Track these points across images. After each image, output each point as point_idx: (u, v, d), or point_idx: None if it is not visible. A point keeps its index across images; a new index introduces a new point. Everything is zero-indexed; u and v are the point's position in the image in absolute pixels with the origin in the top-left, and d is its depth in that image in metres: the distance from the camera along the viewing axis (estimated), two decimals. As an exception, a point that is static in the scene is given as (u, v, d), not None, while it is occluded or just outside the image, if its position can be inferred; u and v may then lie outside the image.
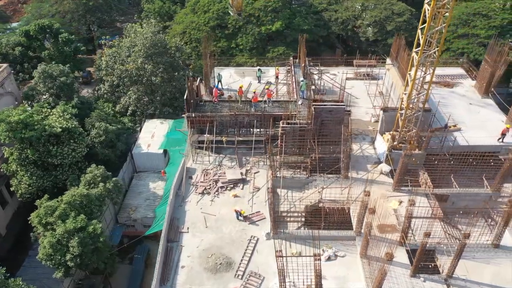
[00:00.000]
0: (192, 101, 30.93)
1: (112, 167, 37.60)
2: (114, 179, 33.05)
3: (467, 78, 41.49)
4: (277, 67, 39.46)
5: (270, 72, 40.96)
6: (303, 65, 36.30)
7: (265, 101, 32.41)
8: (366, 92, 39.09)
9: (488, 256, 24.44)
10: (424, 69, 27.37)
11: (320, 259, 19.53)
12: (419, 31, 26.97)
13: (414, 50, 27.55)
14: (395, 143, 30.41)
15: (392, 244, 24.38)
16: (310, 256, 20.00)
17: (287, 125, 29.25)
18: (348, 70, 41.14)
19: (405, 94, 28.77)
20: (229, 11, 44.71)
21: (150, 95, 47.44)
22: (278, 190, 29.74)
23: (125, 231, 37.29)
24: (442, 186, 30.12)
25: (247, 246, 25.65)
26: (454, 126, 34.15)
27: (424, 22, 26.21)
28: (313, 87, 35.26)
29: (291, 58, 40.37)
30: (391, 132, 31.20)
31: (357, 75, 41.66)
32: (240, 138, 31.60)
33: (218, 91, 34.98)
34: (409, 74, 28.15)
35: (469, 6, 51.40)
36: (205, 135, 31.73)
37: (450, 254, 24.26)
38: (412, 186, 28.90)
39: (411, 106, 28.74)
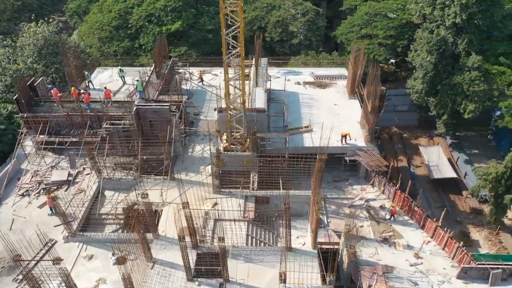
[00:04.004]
0: (23, 101, 30.50)
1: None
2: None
3: (346, 78, 41.14)
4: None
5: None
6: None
7: (103, 101, 31.99)
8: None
9: (277, 259, 23.96)
10: (235, 70, 26.96)
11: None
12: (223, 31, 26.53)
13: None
14: (226, 144, 30.02)
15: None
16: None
17: (110, 126, 28.83)
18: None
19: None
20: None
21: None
22: (106, 192, 29.39)
23: None
24: (276, 188, 29.75)
25: (40, 250, 25.19)
26: (306, 127, 33.80)
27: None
28: (187, 87, 34.60)
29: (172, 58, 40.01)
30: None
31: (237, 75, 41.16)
32: (75, 139, 31.15)
33: (83, 92, 34.18)
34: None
35: (371, 6, 50.96)
36: (42, 136, 31.32)
37: (240, 257, 23.94)
38: (234, 188, 28.49)
39: (232, 106, 28.33)
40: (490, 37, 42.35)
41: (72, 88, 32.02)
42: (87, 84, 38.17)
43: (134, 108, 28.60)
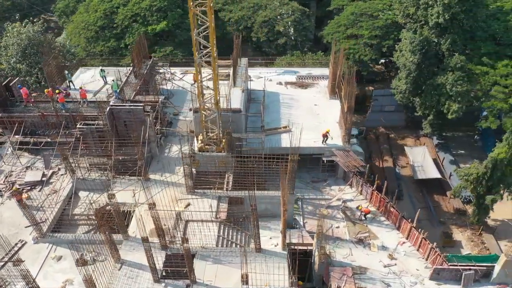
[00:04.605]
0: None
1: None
2: None
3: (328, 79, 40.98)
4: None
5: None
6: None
7: (79, 101, 31.84)
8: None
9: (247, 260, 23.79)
10: (203, 69, 26.74)
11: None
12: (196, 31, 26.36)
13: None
14: (201, 144, 29.85)
15: (155, 249, 23.95)
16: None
17: (83, 126, 28.68)
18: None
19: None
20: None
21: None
22: (81, 192, 29.24)
23: None
24: (252, 189, 29.51)
25: (9, 252, 24.98)
26: (285, 127, 33.64)
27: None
28: (167, 87, 34.22)
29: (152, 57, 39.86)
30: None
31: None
32: (50, 140, 30.98)
33: (58, 92, 34.00)
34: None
35: (357, 6, 50.78)
36: (17, 136, 31.17)
37: (209, 259, 23.79)
38: (207, 189, 28.29)
39: (205, 107, 28.14)
40: (474, 37, 42.20)
41: (46, 89, 31.83)
42: (68, 84, 37.99)
43: (108, 108, 28.43)
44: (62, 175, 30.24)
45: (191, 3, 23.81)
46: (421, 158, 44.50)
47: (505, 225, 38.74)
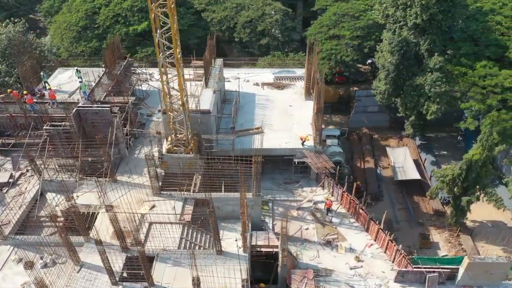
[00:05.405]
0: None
1: None
2: None
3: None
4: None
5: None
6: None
7: (48, 102, 31.70)
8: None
9: (207, 263, 23.58)
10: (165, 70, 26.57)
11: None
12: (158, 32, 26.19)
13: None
14: (169, 146, 29.70)
15: (116, 251, 23.84)
16: None
17: (50, 128, 28.53)
18: (189, 71, 40.46)
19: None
20: None
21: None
22: (48, 194, 29.08)
23: None
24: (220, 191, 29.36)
25: (-30, 253, 24.95)
26: (257, 128, 33.50)
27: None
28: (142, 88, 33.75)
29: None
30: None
31: (195, 76, 40.88)
32: (17, 141, 30.85)
33: (25, 93, 34.12)
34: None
35: (340, 7, 50.60)
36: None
37: (169, 261, 23.63)
38: (173, 191, 28.09)
39: (172, 108, 27.98)
40: (454, 38, 41.99)
41: (9, 90, 31.67)
42: (44, 85, 37.81)
43: (74, 110, 28.28)
44: (30, 176, 30.09)
45: (151, 4, 23.57)
46: (402, 159, 44.32)
47: (483, 226, 38.56)
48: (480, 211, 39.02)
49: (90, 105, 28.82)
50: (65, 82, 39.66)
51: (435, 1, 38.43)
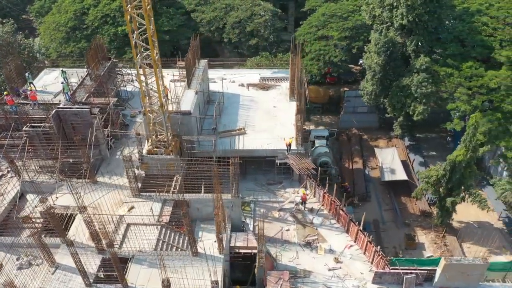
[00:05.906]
0: None
1: None
2: None
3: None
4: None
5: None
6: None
7: (29, 103, 31.67)
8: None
9: (183, 264, 23.54)
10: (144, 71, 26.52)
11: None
12: (135, 33, 26.14)
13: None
14: (150, 147, 29.64)
15: (92, 253, 23.81)
16: None
17: (29, 129, 28.49)
18: (174, 72, 40.41)
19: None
20: None
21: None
22: (29, 195, 29.05)
23: None
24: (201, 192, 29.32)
25: None
26: (240, 129, 33.46)
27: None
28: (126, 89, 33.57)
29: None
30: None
31: (181, 77, 40.81)
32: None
33: (6, 93, 33.77)
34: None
35: (328, 7, 50.57)
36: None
37: (144, 263, 23.60)
38: (157, 192, 28.01)
39: (149, 109, 27.91)
40: (440, 39, 41.95)
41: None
42: (29, 86, 37.73)
43: (54, 111, 28.24)
44: (10, 177, 30.04)
45: (126, 6, 23.52)
46: (390, 160, 44.28)
47: (469, 227, 38.53)
48: (466, 212, 38.98)
49: (70, 107, 28.76)
50: (50, 83, 39.52)
51: (420, 2, 38.40)
